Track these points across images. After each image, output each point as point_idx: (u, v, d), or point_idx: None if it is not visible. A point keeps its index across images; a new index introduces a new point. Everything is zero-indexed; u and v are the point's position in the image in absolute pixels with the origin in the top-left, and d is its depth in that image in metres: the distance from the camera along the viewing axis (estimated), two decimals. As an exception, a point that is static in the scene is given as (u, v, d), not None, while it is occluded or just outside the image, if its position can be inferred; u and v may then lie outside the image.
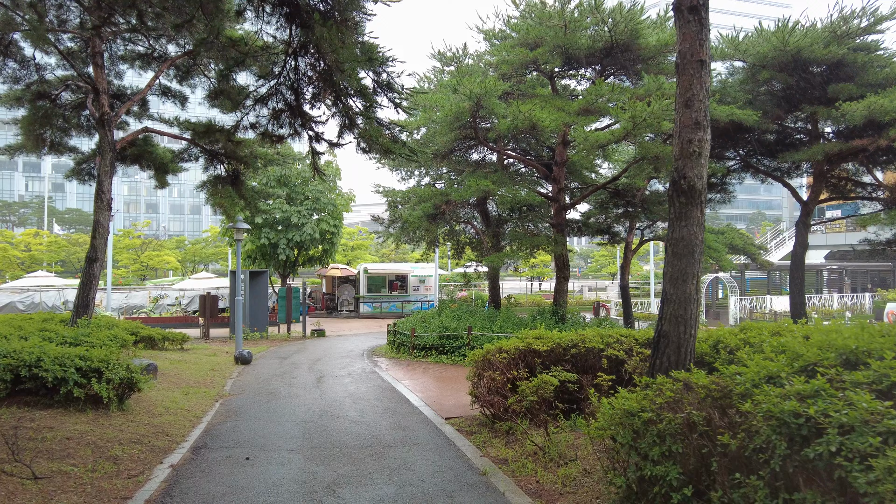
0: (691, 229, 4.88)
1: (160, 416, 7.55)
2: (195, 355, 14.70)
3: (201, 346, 17.14)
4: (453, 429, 7.17)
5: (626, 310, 21.19)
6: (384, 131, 6.64)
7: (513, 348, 6.95)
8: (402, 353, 15.19)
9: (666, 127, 12.14)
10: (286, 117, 6.66)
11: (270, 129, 7.00)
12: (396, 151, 6.76)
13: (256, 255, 26.42)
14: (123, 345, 11.06)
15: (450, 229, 22.60)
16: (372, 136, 6.43)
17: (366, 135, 6.46)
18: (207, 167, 16.27)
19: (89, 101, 13.99)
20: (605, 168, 21.17)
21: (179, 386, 9.96)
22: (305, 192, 26.20)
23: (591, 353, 6.63)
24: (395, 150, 6.74)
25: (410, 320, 17.26)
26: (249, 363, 13.99)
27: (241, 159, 15.93)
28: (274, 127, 6.62)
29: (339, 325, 25.08)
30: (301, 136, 7.27)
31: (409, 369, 12.88)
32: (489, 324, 14.63)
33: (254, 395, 9.76)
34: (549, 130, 12.68)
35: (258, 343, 18.92)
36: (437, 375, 11.93)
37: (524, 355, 6.81)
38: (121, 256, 45.44)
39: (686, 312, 4.86)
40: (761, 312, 30.08)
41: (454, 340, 14.09)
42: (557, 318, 14.95)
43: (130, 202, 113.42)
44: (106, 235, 13.46)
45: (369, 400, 9.14)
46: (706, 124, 4.95)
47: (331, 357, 15.15)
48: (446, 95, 14.27)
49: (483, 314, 15.84)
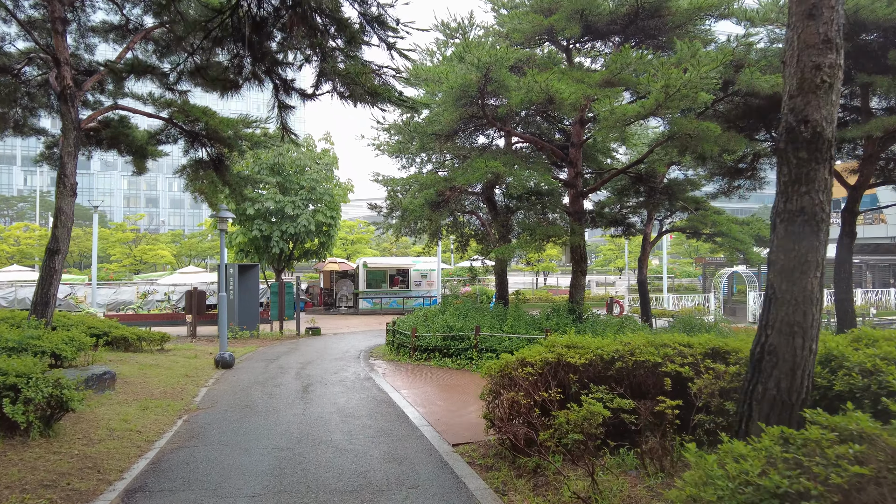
0: (815, 197, 3.38)
1: (99, 442, 6.08)
2: (172, 357, 13.25)
3: (183, 347, 15.69)
4: (463, 462, 5.68)
5: (643, 306, 19.66)
6: (369, 72, 5.13)
7: (539, 360, 5.45)
8: (402, 355, 13.71)
9: (703, 99, 10.59)
10: (243, 57, 5.14)
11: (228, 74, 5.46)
12: (384, 96, 5.27)
13: (249, 248, 24.93)
14: (81, 348, 9.60)
15: (453, 220, 21.10)
16: (352, 75, 4.93)
17: (345, 75, 4.97)
18: (188, 150, 14.78)
19: (52, 76, 12.51)
20: (622, 154, 19.60)
21: (140, 398, 8.49)
22: (300, 181, 24.66)
23: (642, 367, 5.12)
24: (382, 93, 5.25)
25: (411, 318, 15.77)
26: (231, 367, 12.52)
27: (223, 141, 14.44)
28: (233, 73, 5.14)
29: (337, 323, 23.63)
30: (265, 85, 5.77)
31: (409, 375, 11.41)
32: (498, 323, 13.13)
33: (226, 409, 8.29)
34: (568, 104, 11.14)
35: (247, 342, 17.47)
36: (442, 383, 10.45)
37: (555, 370, 5.31)
38: (113, 250, 44.05)
39: (805, 319, 3.37)
40: (782, 309, 28.57)
41: (460, 342, 12.60)
42: (575, 316, 13.46)
43: (130, 197, 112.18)
44: (69, 224, 11.99)
45: (361, 418, 7.65)
46: (839, 44, 3.42)
47: (323, 359, 13.68)
48: (451, 68, 12.73)
49: (491, 312, 14.33)
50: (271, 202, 23.43)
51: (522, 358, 5.58)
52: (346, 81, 5.00)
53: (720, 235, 17.46)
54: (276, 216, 24.53)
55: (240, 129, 14.24)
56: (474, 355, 12.08)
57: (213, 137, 14.36)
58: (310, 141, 26.30)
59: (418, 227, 18.80)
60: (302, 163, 24.60)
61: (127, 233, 45.49)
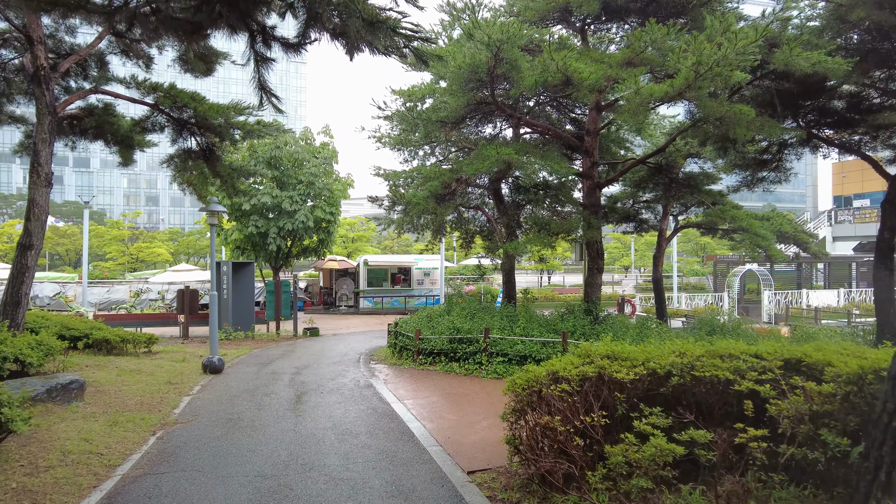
0: None
1: (46, 470, 5.11)
2: (158, 361, 12.29)
3: (172, 349, 14.74)
4: (482, 496, 4.70)
5: (659, 305, 18.67)
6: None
7: (575, 375, 4.47)
8: (405, 358, 12.74)
9: (737, 79, 9.58)
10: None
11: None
12: (388, 26, 4.24)
13: (245, 245, 23.93)
14: (50, 353, 8.64)
15: (458, 216, 20.15)
16: (350, 5, 3.94)
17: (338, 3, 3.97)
18: (175, 139, 13.82)
19: (26, 58, 11.57)
20: (636, 145, 18.58)
21: (111, 410, 7.52)
22: (298, 175, 23.65)
23: (705, 384, 4.14)
24: (385, 23, 4.23)
25: (414, 319, 14.79)
26: (220, 372, 11.56)
27: (213, 129, 13.48)
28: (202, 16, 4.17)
29: (336, 323, 22.68)
30: (238, 33, 4.78)
31: (413, 382, 10.43)
32: (509, 324, 12.14)
33: (208, 423, 7.32)
34: (587, 85, 10.16)
35: (241, 344, 16.51)
36: (449, 391, 9.47)
37: (596, 388, 4.33)
38: (109, 248, 43.10)
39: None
40: (798, 308, 27.53)
41: (468, 345, 11.62)
42: (592, 317, 12.48)
43: (130, 195, 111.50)
44: (44, 217, 11.03)
45: (360, 435, 6.68)
46: None
47: (320, 363, 12.72)
48: (458, 47, 11.76)
49: (500, 312, 13.34)
50: (268, 197, 22.42)
51: (554, 372, 4.59)
52: (341, 9, 3.99)
53: (740, 231, 16.49)
54: (273, 212, 23.54)
55: (231, 116, 13.28)
56: (484, 360, 11.11)
57: (203, 126, 13.40)
58: (308, 134, 25.31)
59: (421, 222, 17.84)
60: (300, 156, 23.59)
61: (123, 230, 44.51)
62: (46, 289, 26.45)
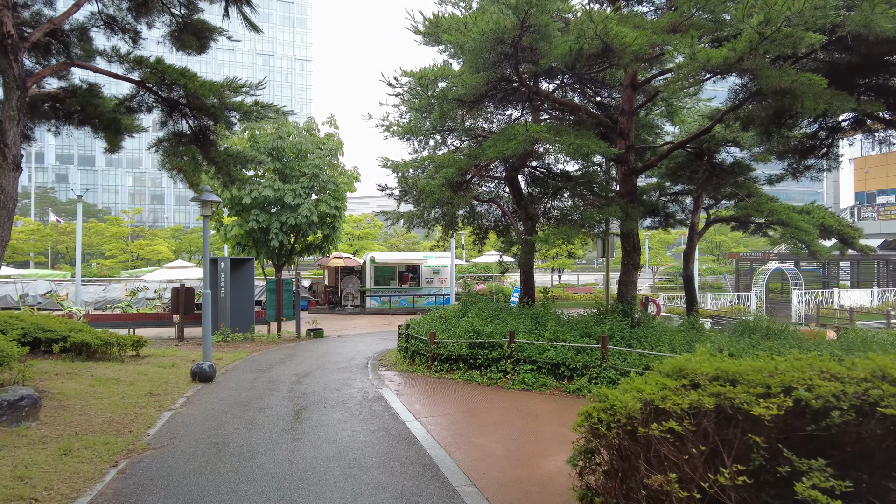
0: None
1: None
2: (143, 367, 11.02)
3: (163, 353, 13.48)
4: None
5: (689, 305, 17.30)
6: None
7: (684, 407, 3.11)
8: (419, 364, 11.40)
9: (810, 41, 8.19)
10: None
11: None
12: None
13: (246, 241, 22.66)
14: (4, 361, 7.35)
15: (470, 211, 18.85)
16: None
17: None
18: (165, 122, 12.53)
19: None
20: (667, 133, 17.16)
21: (68, 433, 6.22)
22: (301, 167, 22.35)
23: (878, 422, 2.79)
24: None
25: (427, 320, 13.44)
26: (212, 380, 10.26)
27: (206, 110, 12.15)
28: None
29: (342, 323, 21.37)
30: None
31: (429, 393, 9.09)
32: (535, 327, 10.78)
33: (186, 449, 6.01)
34: (630, 52, 8.81)
35: (239, 347, 15.23)
36: (473, 406, 8.13)
37: (718, 426, 2.97)
38: (109, 246, 41.97)
39: None
40: (829, 308, 26.00)
41: (489, 350, 10.27)
42: (630, 319, 11.11)
43: (135, 193, 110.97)
44: (11, 206, 9.70)
45: (371, 469, 5.34)
46: None
47: (324, 370, 11.40)
48: (479, 15, 10.41)
49: (525, 313, 11.97)
50: (269, 190, 21.14)
51: (649, 401, 3.23)
52: None
53: (779, 225, 15.09)
54: (275, 206, 22.26)
55: (226, 95, 11.94)
56: (509, 367, 9.76)
57: (195, 106, 12.08)
58: (312, 125, 23.99)
59: (432, 216, 16.51)
60: (303, 147, 22.29)
61: (123, 227, 43.36)
62: (39, 287, 25.31)
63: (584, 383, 8.92)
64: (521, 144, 9.51)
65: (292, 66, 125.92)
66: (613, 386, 8.82)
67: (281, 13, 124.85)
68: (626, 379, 3.97)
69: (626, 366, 8.90)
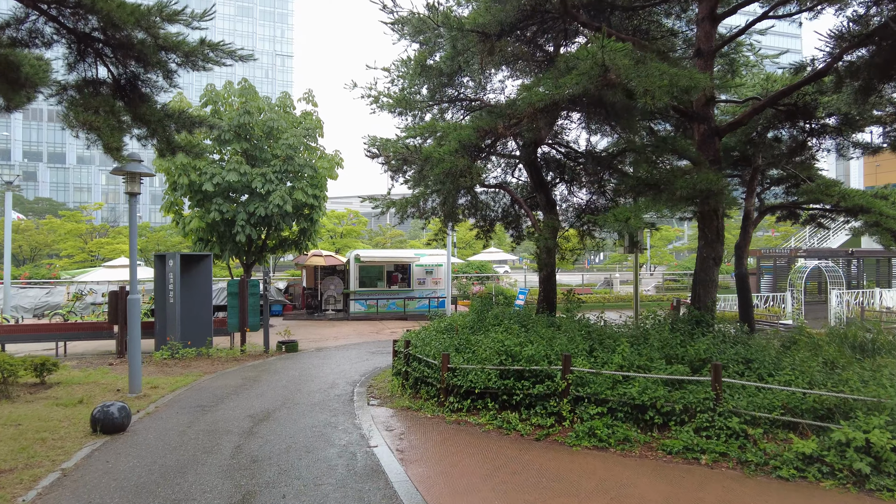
0: None
1: None
2: (32, 407, 7.67)
3: (82, 378, 10.10)
4: None
5: (744, 310, 14.26)
6: None
7: None
8: (425, 398, 8.18)
9: None
10: None
11: None
12: None
13: (208, 235, 19.25)
14: None
15: (472, 200, 15.67)
16: None
17: None
18: (74, 64, 9.14)
19: None
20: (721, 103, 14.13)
21: None
22: (274, 149, 18.99)
23: None
24: None
25: (431, 333, 10.14)
26: (123, 430, 6.93)
27: (132, 49, 8.76)
28: None
29: (322, 332, 18.00)
30: None
31: (451, 456, 5.89)
32: (585, 344, 7.62)
33: None
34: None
35: (189, 367, 11.87)
36: (532, 486, 4.95)
37: None
38: (64, 244, 37.95)
39: None
40: (872, 309, 23.29)
41: (532, 381, 7.09)
42: (712, 332, 8.02)
43: (108, 192, 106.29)
44: None
45: None
46: None
47: (293, 406, 8.13)
48: None
49: (568, 326, 8.78)
50: (234, 174, 17.74)
51: None
52: None
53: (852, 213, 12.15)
54: (242, 193, 18.88)
55: (155, 24, 8.59)
56: (565, 410, 6.58)
57: (116, 43, 8.68)
58: (286, 100, 20.61)
59: (430, 206, 13.30)
60: (276, 125, 18.91)
61: (81, 224, 39.30)
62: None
63: (691, 438, 5.79)
64: (584, 78, 6.34)
65: (273, 62, 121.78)
66: (736, 441, 5.70)
67: (261, 7, 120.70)
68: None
69: (750, 408, 5.80)
